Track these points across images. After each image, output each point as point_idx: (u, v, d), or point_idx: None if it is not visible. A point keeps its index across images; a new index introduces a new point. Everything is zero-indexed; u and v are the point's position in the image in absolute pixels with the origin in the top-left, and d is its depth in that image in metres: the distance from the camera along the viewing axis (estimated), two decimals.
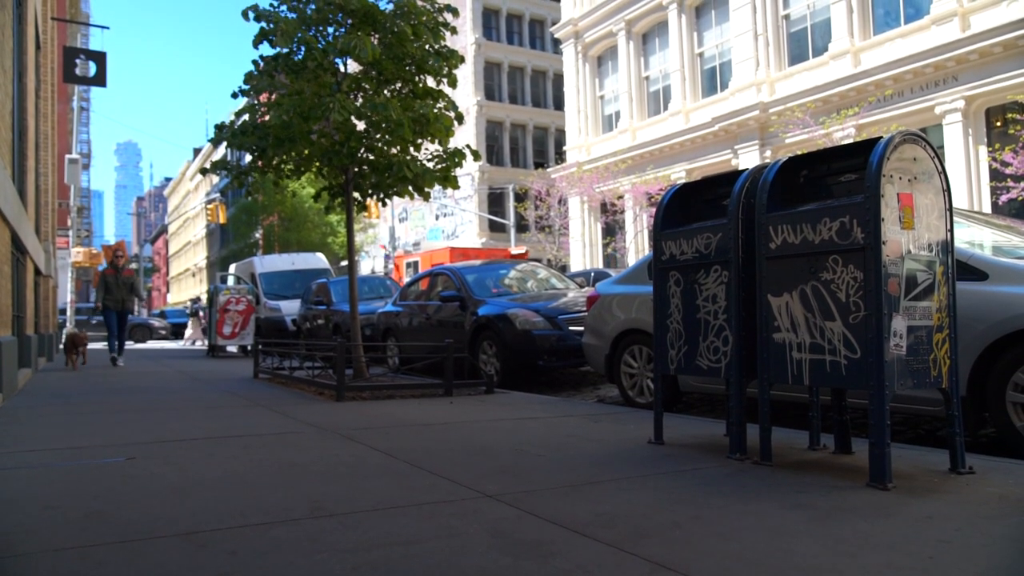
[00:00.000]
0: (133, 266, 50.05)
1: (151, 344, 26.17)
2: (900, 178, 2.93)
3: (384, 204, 8.11)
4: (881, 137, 2.97)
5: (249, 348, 14.11)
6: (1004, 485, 2.84)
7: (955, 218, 3.32)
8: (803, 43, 19.96)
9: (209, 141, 8.03)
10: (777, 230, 3.18)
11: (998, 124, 15.83)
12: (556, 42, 31.68)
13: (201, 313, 26.57)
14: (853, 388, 3.19)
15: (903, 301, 2.88)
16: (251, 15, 6.88)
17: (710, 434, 4.13)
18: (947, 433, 3.07)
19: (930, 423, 4.86)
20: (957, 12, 16.01)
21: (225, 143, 7.22)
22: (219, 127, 7.32)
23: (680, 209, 3.93)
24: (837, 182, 3.37)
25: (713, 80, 22.83)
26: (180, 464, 3.47)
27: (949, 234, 3.10)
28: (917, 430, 4.75)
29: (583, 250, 27.43)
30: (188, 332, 24.93)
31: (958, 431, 3.01)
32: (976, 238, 4.27)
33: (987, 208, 15.77)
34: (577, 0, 28.14)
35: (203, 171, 7.51)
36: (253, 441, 4.16)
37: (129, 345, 19.79)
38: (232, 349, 15.08)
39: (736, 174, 3.60)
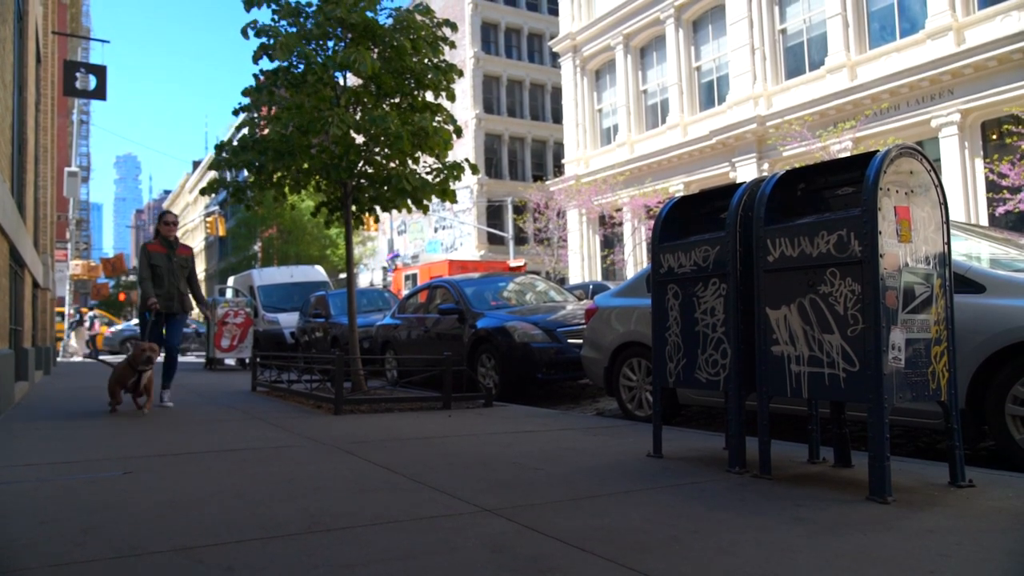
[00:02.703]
0: (132, 278, 49.60)
1: None
2: (897, 191, 2.94)
3: (377, 220, 8.17)
4: (878, 151, 2.99)
5: (247, 361, 14.08)
6: (1004, 498, 2.83)
7: (952, 231, 3.33)
8: (800, 57, 20.11)
9: (210, 167, 8.05)
10: (775, 243, 3.19)
11: (994, 137, 15.93)
12: (554, 56, 31.91)
13: (86, 324, 25.52)
14: (852, 401, 3.18)
15: (901, 314, 2.88)
16: (251, 32, 6.92)
17: (709, 447, 4.12)
18: (946, 446, 3.06)
19: (930, 436, 4.85)
20: (952, 27, 16.15)
21: (224, 163, 7.23)
22: (219, 147, 7.35)
23: (678, 222, 3.94)
24: (834, 195, 3.39)
25: (711, 93, 22.97)
26: (177, 478, 3.45)
27: (946, 247, 3.11)
28: (917, 443, 4.74)
29: (581, 263, 27.47)
30: (72, 344, 23.92)
31: (957, 444, 3.01)
32: (973, 251, 4.28)
33: (984, 220, 15.83)
34: (575, 14, 28.36)
35: (203, 191, 7.54)
36: (250, 455, 4.14)
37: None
38: (230, 362, 15.06)
39: (734, 187, 3.61)
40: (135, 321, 29.36)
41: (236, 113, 7.50)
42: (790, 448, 3.91)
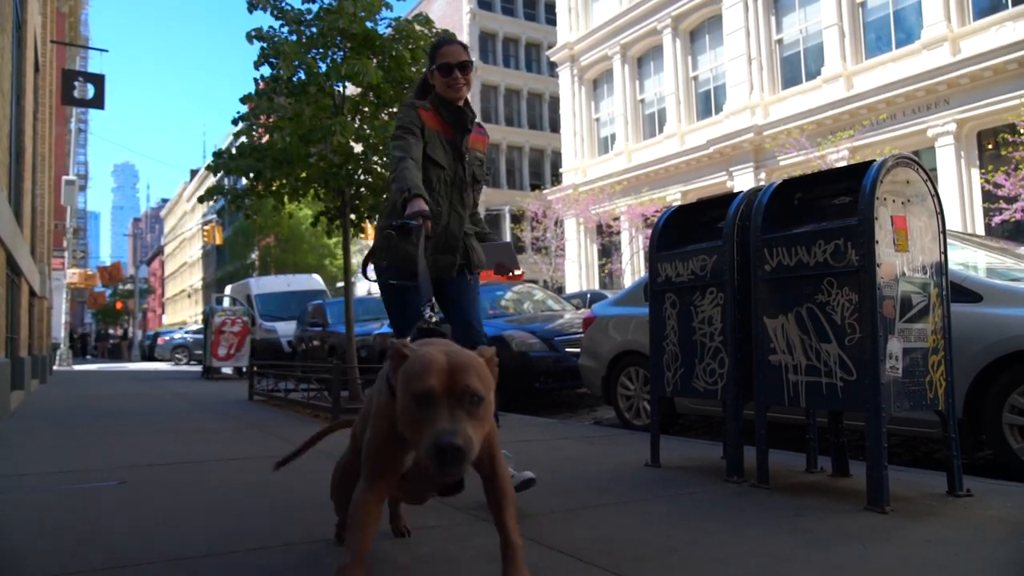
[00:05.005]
0: (129, 287, 49.32)
1: (140, 365, 25.91)
2: (893, 200, 2.95)
3: None
4: (874, 160, 3.00)
5: (244, 370, 14.05)
6: (1002, 508, 2.83)
7: (949, 240, 3.34)
8: (796, 67, 20.22)
9: (206, 168, 8.10)
10: (772, 252, 3.20)
11: (990, 147, 16.00)
12: (552, 65, 32.01)
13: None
14: (850, 410, 3.18)
15: (898, 323, 2.88)
16: (256, 41, 6.98)
17: (707, 456, 4.11)
18: (944, 456, 3.06)
19: (927, 445, 4.84)
20: (947, 37, 16.25)
21: (222, 167, 7.24)
22: (217, 154, 7.36)
23: (676, 231, 3.95)
24: (831, 204, 3.39)
25: (708, 103, 23.07)
26: (173, 488, 3.43)
27: (943, 256, 3.12)
28: (915, 452, 4.73)
29: (579, 271, 27.49)
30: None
31: (955, 454, 3.00)
32: (970, 260, 4.30)
33: (980, 229, 15.89)
34: (573, 24, 28.50)
35: (201, 199, 7.57)
36: (247, 464, 4.12)
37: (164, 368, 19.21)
38: (227, 371, 15.01)
39: (731, 196, 3.62)
40: (191, 327, 25.20)
41: (236, 123, 7.52)
42: (788, 457, 3.90)
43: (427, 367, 1.45)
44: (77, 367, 23.72)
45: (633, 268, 24.58)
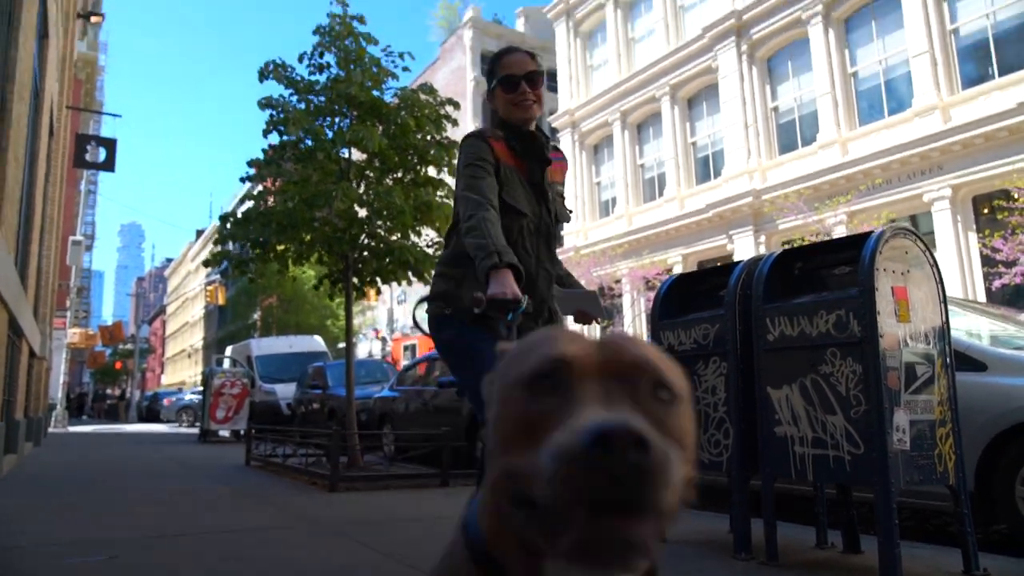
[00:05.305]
0: (129, 347, 49.19)
1: (137, 427, 25.56)
2: (893, 271, 2.97)
3: (379, 292, 8.25)
4: (872, 231, 3.03)
5: (242, 432, 13.87)
6: None
7: (950, 307, 3.34)
8: (792, 133, 20.67)
9: (215, 243, 8.18)
10: (774, 322, 3.20)
11: (986, 211, 16.19)
12: (554, 131, 32.79)
13: None
14: (858, 484, 3.12)
15: (904, 394, 2.86)
16: (268, 111, 7.22)
17: (713, 529, 4.01)
18: (957, 531, 2.98)
19: (940, 517, 4.72)
20: (938, 106, 16.66)
21: (228, 236, 7.36)
22: (223, 217, 7.48)
23: (678, 299, 3.96)
24: (831, 274, 3.42)
25: (706, 167, 23.49)
26: (166, 564, 3.34)
27: (945, 325, 3.11)
28: (927, 524, 4.61)
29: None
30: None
31: (969, 530, 2.92)
32: (973, 327, 4.29)
33: (981, 293, 15.90)
34: (574, 92, 29.32)
35: (206, 263, 7.68)
36: (243, 537, 4.02)
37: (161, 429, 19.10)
38: (224, 433, 14.82)
39: (732, 265, 3.64)
40: (191, 388, 26.26)
41: (244, 181, 7.67)
42: (797, 531, 3.80)
43: (551, 335, 0.74)
44: (72, 428, 23.41)
45: (635, 331, 24.54)
